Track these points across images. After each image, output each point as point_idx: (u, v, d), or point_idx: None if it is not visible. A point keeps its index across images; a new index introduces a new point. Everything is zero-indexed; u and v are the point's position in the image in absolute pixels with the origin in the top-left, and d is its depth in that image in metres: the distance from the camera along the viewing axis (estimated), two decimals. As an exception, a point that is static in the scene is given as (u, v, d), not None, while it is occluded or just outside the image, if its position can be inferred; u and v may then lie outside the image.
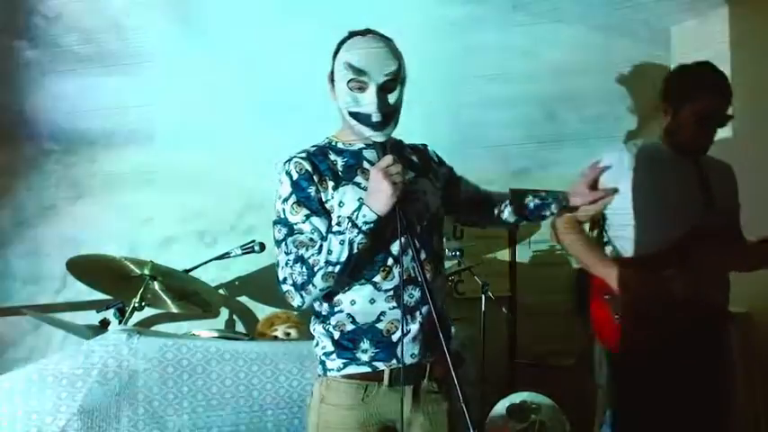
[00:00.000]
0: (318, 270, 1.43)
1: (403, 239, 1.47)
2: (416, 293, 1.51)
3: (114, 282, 2.49)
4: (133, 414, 1.85)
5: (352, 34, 1.58)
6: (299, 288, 1.46)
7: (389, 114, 1.52)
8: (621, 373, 2.13)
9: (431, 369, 1.55)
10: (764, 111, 3.36)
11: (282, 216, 1.52)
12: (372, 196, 1.43)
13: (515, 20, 3.45)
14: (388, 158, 1.44)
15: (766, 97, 3.35)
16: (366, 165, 1.56)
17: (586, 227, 2.34)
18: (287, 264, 1.48)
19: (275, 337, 2.46)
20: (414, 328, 1.51)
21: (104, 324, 2.42)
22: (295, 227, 1.50)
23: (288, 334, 2.47)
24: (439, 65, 3.22)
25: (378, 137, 1.51)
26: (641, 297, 2.02)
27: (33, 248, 2.72)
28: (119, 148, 2.87)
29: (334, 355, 1.53)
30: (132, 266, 2.43)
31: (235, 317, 3.03)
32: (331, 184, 1.52)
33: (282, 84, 3.01)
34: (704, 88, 2.06)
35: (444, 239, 1.77)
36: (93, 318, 2.48)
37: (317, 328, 1.58)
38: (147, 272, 2.42)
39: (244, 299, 3.05)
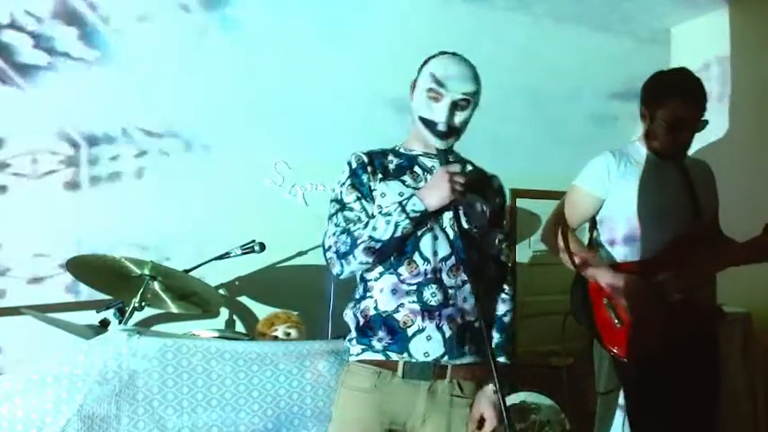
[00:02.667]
0: (361, 243, 1.57)
1: (435, 242, 1.61)
2: (439, 294, 1.60)
3: (114, 282, 2.48)
4: (133, 414, 1.85)
5: (442, 53, 1.72)
6: (341, 256, 1.59)
7: (453, 128, 1.66)
8: (627, 376, 2.15)
9: (452, 371, 1.62)
10: (764, 110, 3.36)
11: (339, 197, 1.68)
12: (428, 190, 1.58)
13: (515, 20, 3.45)
14: (457, 166, 1.62)
15: (766, 97, 3.35)
16: (417, 168, 1.71)
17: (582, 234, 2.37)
18: (334, 233, 1.62)
19: (275, 337, 2.46)
20: (429, 327, 1.58)
21: (104, 324, 2.42)
22: (347, 205, 1.66)
23: (288, 334, 2.47)
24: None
25: (440, 144, 1.65)
26: (640, 301, 2.04)
27: (34, 247, 2.72)
28: (119, 148, 2.87)
29: (354, 341, 1.66)
30: (132, 266, 2.43)
31: (235, 317, 3.03)
32: (380, 176, 1.68)
33: (281, 85, 3.02)
34: (675, 94, 2.10)
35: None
36: (93, 318, 2.48)
37: (347, 313, 1.70)
38: (147, 272, 2.42)
39: (244, 299, 3.05)
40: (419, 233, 1.62)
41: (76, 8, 2.68)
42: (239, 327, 3.01)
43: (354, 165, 1.70)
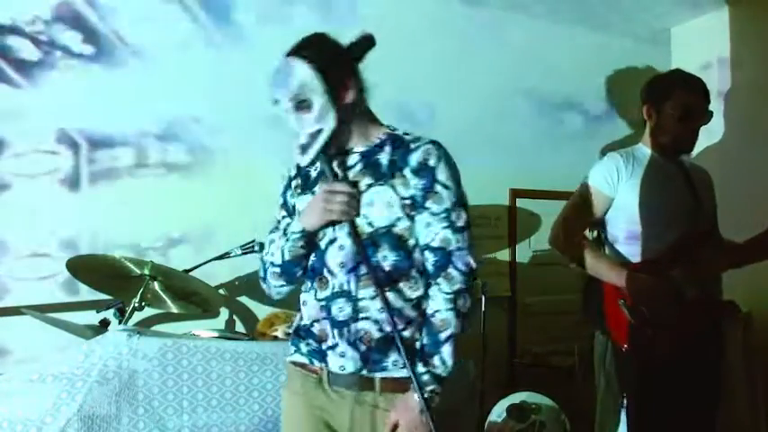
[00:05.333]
0: (268, 267, 1.64)
1: (340, 253, 1.51)
2: (348, 308, 1.49)
3: (114, 282, 2.48)
4: (133, 414, 1.85)
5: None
6: (263, 280, 1.68)
7: (313, 134, 1.52)
8: (630, 375, 2.15)
9: (381, 383, 1.50)
10: (764, 110, 3.36)
11: (276, 215, 1.72)
12: (306, 211, 1.55)
13: (514, 20, 3.45)
14: (341, 186, 1.49)
15: (766, 97, 3.35)
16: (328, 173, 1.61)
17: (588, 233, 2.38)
18: (261, 257, 1.70)
19: (275, 337, 2.46)
20: (341, 342, 1.50)
21: (104, 324, 2.42)
22: (277, 226, 1.69)
23: (288, 334, 2.47)
24: (438, 65, 3.22)
25: (301, 160, 1.56)
26: (654, 300, 2.05)
27: (34, 248, 2.72)
28: (119, 148, 2.87)
29: (290, 342, 1.67)
30: (132, 266, 2.43)
31: (235, 317, 3.02)
32: (299, 191, 1.65)
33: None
34: (681, 85, 2.21)
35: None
36: (93, 318, 2.48)
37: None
38: (147, 272, 2.42)
39: (244, 299, 3.05)
40: (323, 246, 1.53)
41: (77, 8, 2.68)
42: (239, 327, 3.00)
43: (284, 181, 1.71)
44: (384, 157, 1.55)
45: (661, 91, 2.21)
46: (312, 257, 1.58)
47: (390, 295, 1.48)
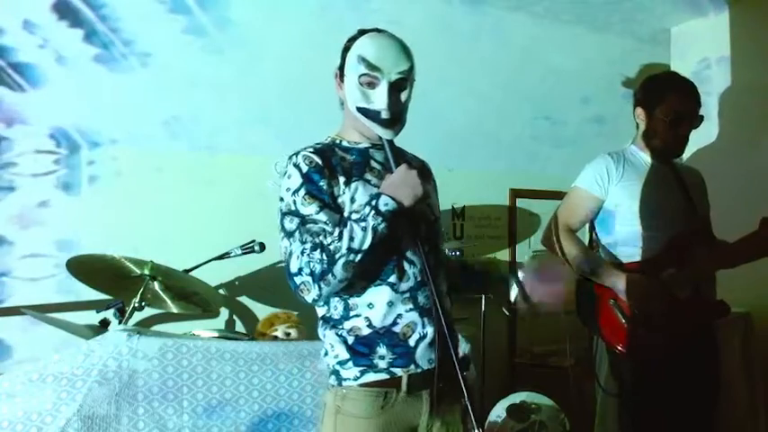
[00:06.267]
0: (340, 258, 1.37)
1: (420, 242, 1.48)
2: (430, 296, 1.48)
3: (114, 282, 2.48)
4: (133, 414, 1.85)
5: (362, 32, 1.56)
6: (318, 278, 1.37)
7: (398, 113, 1.52)
8: (627, 375, 2.16)
9: (440, 370, 1.50)
10: (764, 111, 3.36)
11: (293, 207, 1.46)
12: (399, 188, 1.44)
13: (515, 20, 3.45)
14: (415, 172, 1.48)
15: (766, 97, 3.35)
16: (374, 164, 1.56)
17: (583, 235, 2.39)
18: (303, 252, 1.39)
19: (275, 337, 2.46)
20: (429, 331, 1.49)
21: (104, 324, 2.42)
22: (307, 217, 1.44)
23: (288, 334, 2.47)
24: (437, 64, 3.22)
25: (387, 134, 1.51)
26: (647, 300, 2.06)
27: (34, 248, 2.72)
28: (119, 148, 2.87)
29: (350, 363, 1.47)
30: (132, 266, 2.43)
31: (235, 317, 3.03)
32: (342, 179, 1.49)
33: (281, 85, 3.01)
34: (673, 89, 2.20)
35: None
36: (93, 318, 2.48)
37: (327, 334, 1.51)
38: (147, 272, 2.42)
39: (244, 299, 3.05)
40: (398, 237, 1.49)
41: (77, 8, 2.68)
42: (239, 327, 3.01)
43: (306, 168, 1.48)
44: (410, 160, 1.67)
45: (653, 95, 2.22)
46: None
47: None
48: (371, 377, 1.46)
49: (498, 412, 2.88)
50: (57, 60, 2.67)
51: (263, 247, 2.67)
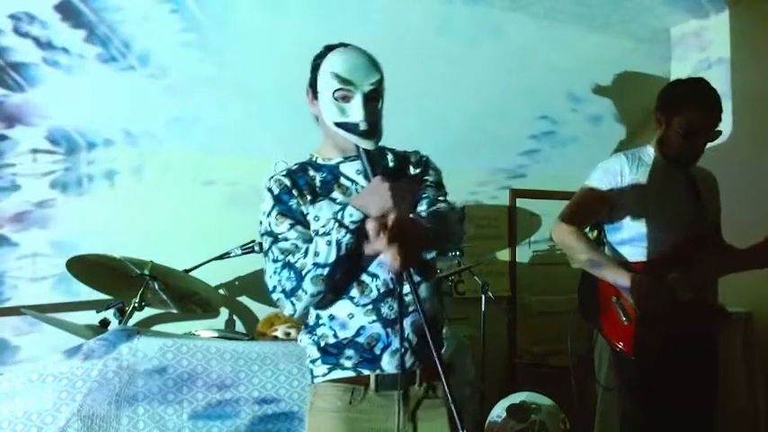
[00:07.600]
0: (307, 273, 1.43)
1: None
2: (396, 306, 1.50)
3: (114, 282, 2.48)
4: (133, 414, 1.85)
5: (329, 48, 1.60)
6: (289, 294, 1.46)
7: (374, 123, 1.55)
8: (631, 373, 2.16)
9: (421, 375, 1.53)
10: (764, 111, 3.36)
11: (269, 228, 1.54)
12: (367, 197, 1.45)
13: (515, 20, 3.44)
14: (407, 183, 1.53)
15: (766, 97, 3.35)
16: (344, 180, 1.59)
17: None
18: (275, 272, 1.48)
19: (275, 337, 2.46)
20: (395, 340, 1.49)
21: (104, 324, 2.42)
22: (280, 236, 1.52)
23: (288, 334, 2.47)
24: (437, 64, 3.22)
25: (367, 144, 1.53)
26: (650, 300, 2.06)
27: (34, 248, 2.72)
28: (119, 148, 2.87)
29: (319, 362, 1.54)
30: (132, 266, 2.43)
31: (235, 317, 3.03)
32: (309, 198, 1.56)
33: (281, 85, 3.01)
34: (693, 103, 2.14)
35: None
36: (93, 318, 2.48)
37: (303, 338, 1.59)
38: (147, 272, 2.42)
39: (244, 299, 3.05)
40: (360, 251, 1.48)
41: (77, 8, 2.68)
42: (239, 327, 3.01)
43: (276, 191, 1.56)
44: (391, 160, 1.66)
45: (673, 104, 2.19)
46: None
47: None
48: (339, 374, 1.52)
49: (498, 412, 2.88)
50: (57, 61, 2.67)
51: (263, 247, 2.66)
